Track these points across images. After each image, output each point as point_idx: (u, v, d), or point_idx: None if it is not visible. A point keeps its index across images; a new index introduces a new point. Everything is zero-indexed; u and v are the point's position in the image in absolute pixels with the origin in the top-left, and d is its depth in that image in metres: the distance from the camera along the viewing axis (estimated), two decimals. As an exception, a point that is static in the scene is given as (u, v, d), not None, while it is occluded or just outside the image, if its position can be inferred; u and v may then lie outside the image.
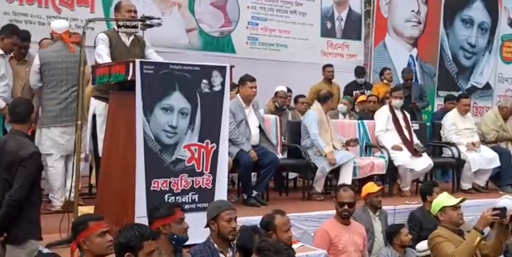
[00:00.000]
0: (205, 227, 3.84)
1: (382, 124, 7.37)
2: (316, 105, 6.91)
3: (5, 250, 3.80)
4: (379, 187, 5.84)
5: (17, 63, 5.86)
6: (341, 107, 8.11)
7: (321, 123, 6.67)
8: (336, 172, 6.63)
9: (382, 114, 7.48)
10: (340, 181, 6.38)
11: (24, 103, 4.09)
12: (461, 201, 4.59)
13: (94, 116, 5.20)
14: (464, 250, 4.20)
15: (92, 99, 5.26)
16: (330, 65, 9.13)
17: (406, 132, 7.36)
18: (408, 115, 7.66)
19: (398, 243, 5.35)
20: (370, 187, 5.73)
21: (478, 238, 4.17)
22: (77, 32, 6.03)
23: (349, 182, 6.24)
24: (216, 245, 3.79)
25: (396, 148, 7.17)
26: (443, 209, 4.52)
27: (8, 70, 5.39)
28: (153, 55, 5.27)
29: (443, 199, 4.64)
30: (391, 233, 5.44)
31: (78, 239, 3.24)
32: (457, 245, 4.28)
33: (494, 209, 4.26)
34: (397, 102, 7.46)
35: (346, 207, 4.89)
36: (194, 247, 3.82)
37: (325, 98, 6.89)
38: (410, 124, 7.52)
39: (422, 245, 5.04)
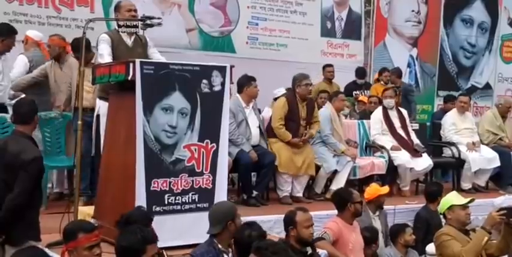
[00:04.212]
0: (224, 228, 3.79)
1: (377, 128, 7.36)
2: (328, 104, 6.96)
3: (4, 250, 3.80)
4: (388, 189, 5.87)
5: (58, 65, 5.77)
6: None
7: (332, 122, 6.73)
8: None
9: (375, 117, 7.45)
10: (337, 185, 6.38)
11: (28, 104, 4.03)
12: (470, 201, 4.60)
13: (98, 116, 5.19)
14: (472, 249, 4.20)
15: (97, 100, 5.25)
16: (330, 65, 9.13)
17: (401, 132, 7.32)
18: (405, 112, 7.61)
19: (402, 242, 5.33)
20: (379, 189, 5.74)
21: (486, 238, 4.17)
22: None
23: (342, 185, 6.33)
24: (220, 246, 3.77)
25: (395, 148, 7.15)
26: (451, 207, 4.53)
27: (4, 70, 5.37)
28: (155, 55, 5.24)
29: (452, 198, 4.65)
30: (395, 232, 5.42)
31: (66, 246, 3.20)
32: (463, 244, 4.28)
33: (501, 208, 4.27)
34: (387, 101, 7.43)
35: (364, 203, 5.15)
36: (198, 248, 3.80)
37: (331, 96, 7.00)
38: (407, 123, 7.48)
39: (434, 247, 5.01)
